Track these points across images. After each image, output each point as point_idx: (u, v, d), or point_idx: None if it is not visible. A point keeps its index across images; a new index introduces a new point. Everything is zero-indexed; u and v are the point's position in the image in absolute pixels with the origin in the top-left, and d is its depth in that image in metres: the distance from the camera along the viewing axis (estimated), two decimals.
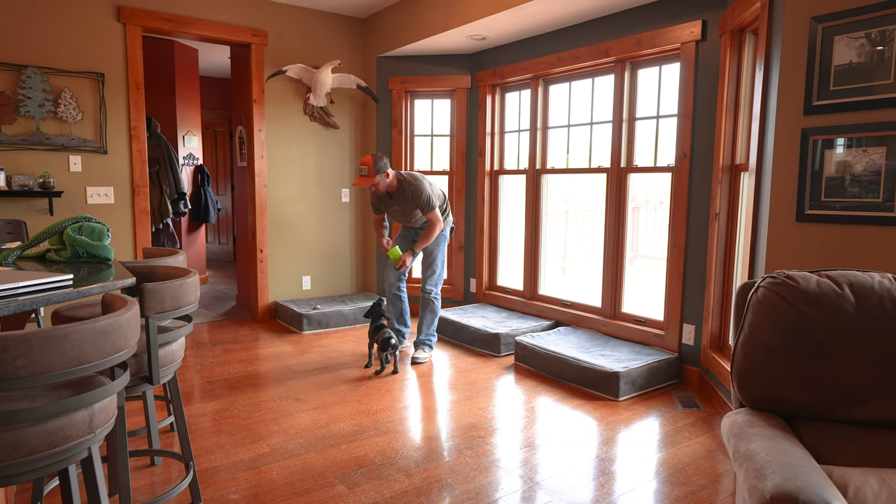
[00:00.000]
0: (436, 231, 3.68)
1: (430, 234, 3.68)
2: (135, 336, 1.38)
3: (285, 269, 5.04)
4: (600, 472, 2.43)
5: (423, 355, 3.90)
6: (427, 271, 3.91)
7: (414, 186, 3.65)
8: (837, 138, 2.28)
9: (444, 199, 3.87)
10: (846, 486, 1.35)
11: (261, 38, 4.68)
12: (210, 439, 2.70)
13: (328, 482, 2.32)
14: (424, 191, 3.64)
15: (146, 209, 4.33)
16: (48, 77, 3.89)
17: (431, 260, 3.88)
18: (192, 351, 4.12)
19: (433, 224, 3.68)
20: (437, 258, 3.88)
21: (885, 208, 2.15)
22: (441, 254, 3.89)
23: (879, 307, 1.56)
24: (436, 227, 3.67)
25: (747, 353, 1.65)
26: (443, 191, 3.90)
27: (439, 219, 3.69)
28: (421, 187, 3.64)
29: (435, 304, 3.94)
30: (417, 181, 3.67)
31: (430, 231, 3.68)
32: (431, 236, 3.68)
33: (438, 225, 3.68)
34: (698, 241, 3.46)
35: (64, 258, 1.99)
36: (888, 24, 2.12)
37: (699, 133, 3.41)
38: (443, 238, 3.88)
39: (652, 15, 3.60)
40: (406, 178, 3.69)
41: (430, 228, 3.68)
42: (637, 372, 3.29)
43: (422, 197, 3.64)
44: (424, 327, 3.96)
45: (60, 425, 1.25)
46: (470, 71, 4.98)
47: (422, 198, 3.64)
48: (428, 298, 3.92)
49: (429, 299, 3.92)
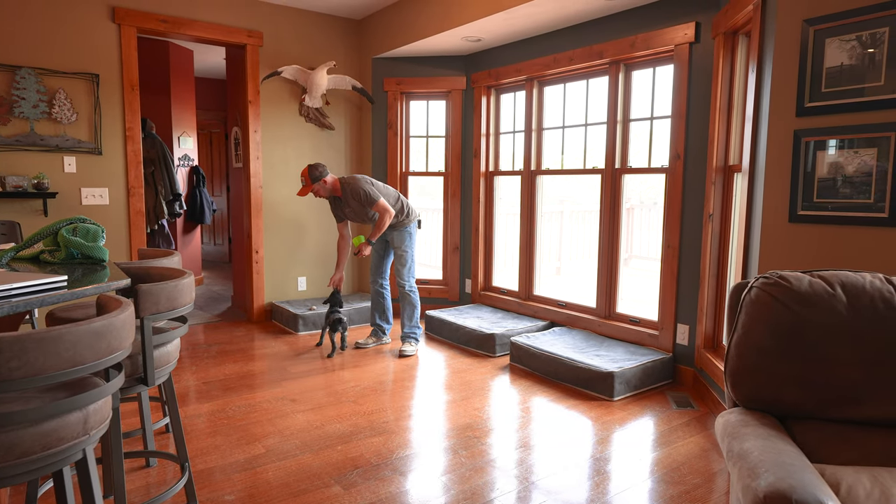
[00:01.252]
0: (385, 220, 3.88)
1: (380, 223, 3.90)
2: (129, 337, 1.38)
3: (281, 270, 5.03)
4: (595, 471, 2.44)
5: (409, 348, 4.09)
6: (398, 266, 4.13)
7: (351, 186, 3.92)
8: (829, 140, 2.30)
9: (396, 196, 4.06)
10: (839, 485, 1.36)
11: (256, 40, 4.68)
12: (205, 440, 2.69)
13: (324, 483, 2.32)
14: (361, 187, 3.88)
15: (141, 210, 4.32)
16: (42, 78, 3.88)
17: (400, 254, 4.11)
18: (188, 352, 4.11)
19: (381, 214, 3.89)
20: (406, 252, 4.10)
21: (877, 209, 2.17)
22: (410, 248, 4.11)
23: (871, 307, 1.57)
24: (384, 216, 3.87)
25: (741, 352, 1.66)
26: (395, 189, 4.20)
27: (386, 209, 3.86)
28: (357, 184, 3.90)
29: (412, 297, 4.14)
30: (355, 180, 3.93)
31: (379, 221, 3.90)
32: (382, 225, 3.89)
33: (387, 215, 3.87)
34: (692, 242, 3.47)
35: (58, 259, 1.99)
36: (879, 27, 2.14)
37: (693, 134, 3.43)
38: (407, 234, 4.10)
39: (646, 17, 3.62)
40: (345, 180, 3.97)
41: (379, 219, 3.90)
42: (632, 372, 3.30)
43: (360, 193, 3.88)
44: (406, 320, 4.17)
45: (55, 427, 1.25)
46: (465, 72, 4.98)
47: (360, 194, 3.88)
48: (403, 292, 4.13)
49: (404, 293, 4.13)
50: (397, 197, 4.06)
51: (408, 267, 4.11)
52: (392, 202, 4.00)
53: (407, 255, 4.11)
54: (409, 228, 4.11)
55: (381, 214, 3.90)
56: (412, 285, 4.14)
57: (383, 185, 4.06)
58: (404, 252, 4.11)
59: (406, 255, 4.11)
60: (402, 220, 4.08)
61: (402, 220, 4.08)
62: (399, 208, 4.04)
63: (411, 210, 4.12)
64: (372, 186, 3.92)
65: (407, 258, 4.11)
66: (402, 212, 4.06)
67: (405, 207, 4.08)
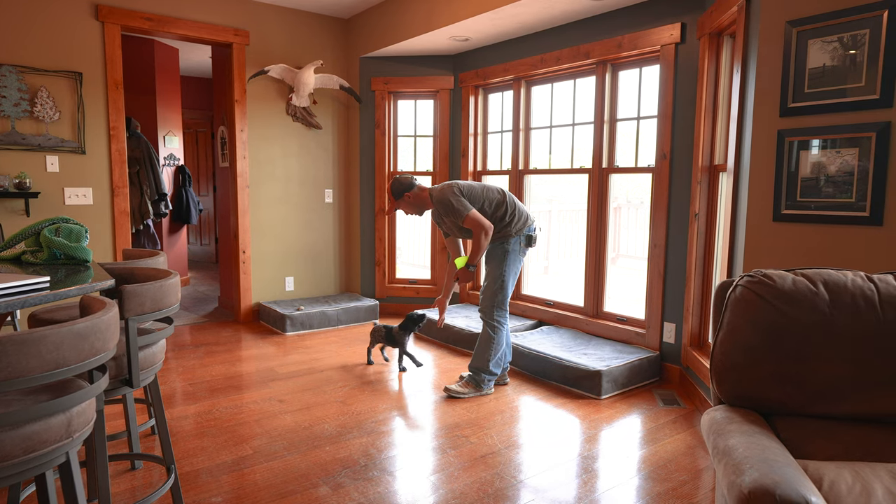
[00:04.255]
0: (481, 236, 3.10)
1: (476, 243, 3.12)
2: (114, 339, 1.36)
3: (268, 271, 5.00)
4: (583, 469, 2.45)
5: (454, 387, 3.30)
6: (482, 289, 3.35)
7: (438, 198, 3.19)
8: (812, 140, 2.33)
9: (497, 202, 3.24)
10: (821, 480, 1.38)
11: (242, 38, 4.64)
12: (192, 442, 2.67)
13: (312, 483, 2.31)
14: (445, 198, 3.15)
15: (126, 210, 4.27)
16: (24, 76, 3.82)
17: (486, 274, 3.35)
18: (174, 353, 4.07)
19: (474, 231, 3.11)
20: (493, 276, 3.29)
21: (858, 208, 2.20)
22: (498, 270, 3.26)
23: (852, 305, 1.60)
24: (479, 233, 3.10)
25: (726, 350, 1.68)
26: (502, 190, 3.29)
27: (479, 222, 3.09)
28: (445, 195, 3.16)
29: (487, 330, 3.31)
30: (442, 191, 3.19)
31: (475, 239, 3.13)
32: (479, 244, 3.12)
33: (481, 230, 3.09)
34: (678, 241, 3.50)
35: (41, 260, 1.96)
36: (859, 29, 2.17)
37: (679, 134, 3.45)
38: (502, 252, 3.25)
39: (632, 18, 3.64)
40: (434, 191, 3.24)
41: (474, 236, 3.13)
42: (619, 370, 3.33)
43: (444, 205, 3.16)
44: (473, 356, 3.36)
45: (37, 430, 1.23)
46: (453, 72, 4.99)
47: (445, 206, 3.16)
48: (482, 320, 3.36)
49: (484, 324, 3.34)
50: (499, 203, 3.23)
51: (491, 293, 3.28)
52: (491, 211, 3.21)
53: (492, 277, 3.28)
54: (505, 245, 3.25)
55: (474, 231, 3.11)
56: (492, 315, 3.29)
57: (481, 187, 3.26)
58: (490, 273, 3.31)
59: (491, 276, 3.29)
60: (499, 233, 3.26)
61: (499, 233, 3.26)
62: (500, 216, 3.23)
63: (516, 219, 3.25)
64: (459, 197, 3.13)
65: (493, 281, 3.28)
66: (502, 221, 3.24)
67: (507, 216, 3.24)
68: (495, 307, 3.29)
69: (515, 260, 3.28)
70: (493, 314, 3.30)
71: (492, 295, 3.29)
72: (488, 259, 3.33)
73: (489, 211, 3.22)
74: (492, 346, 3.30)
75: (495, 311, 3.29)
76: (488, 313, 3.30)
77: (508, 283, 3.28)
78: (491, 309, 3.30)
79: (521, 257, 3.31)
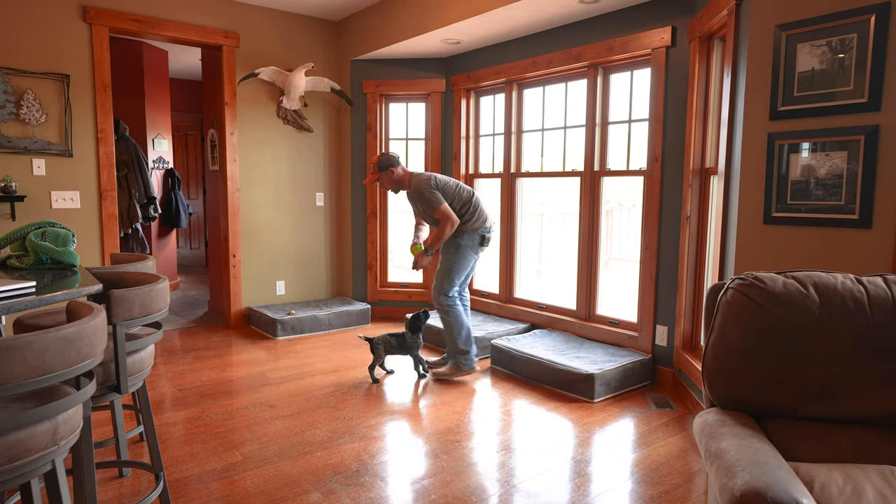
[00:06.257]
0: (446, 228, 3.44)
1: (440, 232, 3.47)
2: (101, 344, 1.34)
3: (259, 275, 4.97)
4: (576, 473, 2.45)
5: (440, 370, 3.66)
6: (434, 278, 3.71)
7: (414, 183, 3.53)
8: (802, 143, 2.34)
9: (465, 200, 3.57)
10: (812, 482, 1.38)
11: (232, 40, 4.62)
12: (181, 449, 2.64)
13: (303, 490, 2.29)
14: (421, 188, 3.48)
15: (114, 214, 4.23)
16: (10, 78, 3.77)
17: (439, 262, 3.67)
18: (163, 358, 4.03)
19: (442, 221, 3.45)
20: (441, 265, 3.62)
21: (848, 210, 2.22)
22: (446, 261, 3.59)
23: (842, 307, 1.61)
24: (445, 225, 3.44)
25: (717, 353, 1.68)
26: (472, 191, 3.62)
27: (448, 216, 3.43)
28: (421, 185, 3.49)
29: (442, 315, 3.62)
30: (420, 180, 3.53)
31: (440, 229, 3.47)
32: (442, 235, 3.46)
33: (448, 223, 3.43)
34: (670, 244, 3.52)
35: (26, 265, 1.93)
36: (847, 33, 2.19)
37: (670, 137, 3.47)
38: (454, 246, 3.57)
39: (623, 21, 3.66)
40: (413, 176, 3.58)
41: (440, 226, 3.47)
42: (612, 373, 3.33)
43: (420, 194, 3.48)
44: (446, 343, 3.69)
45: (22, 438, 1.21)
46: (444, 75, 4.99)
47: (420, 195, 3.48)
48: (436, 309, 3.69)
49: (437, 309, 3.67)
50: (466, 202, 3.56)
51: (440, 281, 3.60)
52: (457, 207, 3.54)
53: (443, 268, 3.60)
54: (460, 239, 3.56)
55: (441, 221, 3.46)
56: (443, 300, 3.60)
57: (456, 184, 3.60)
58: (440, 262, 3.63)
59: (442, 266, 3.61)
60: (458, 228, 3.57)
61: (458, 228, 3.57)
62: (463, 213, 3.55)
63: (475, 219, 3.56)
64: (434, 191, 3.47)
65: (443, 271, 3.60)
66: (462, 217, 3.57)
67: (468, 214, 3.56)
68: (442, 293, 3.60)
69: (466, 255, 3.60)
70: (441, 299, 3.61)
71: (440, 283, 3.61)
72: (443, 250, 3.64)
73: (457, 207, 3.56)
74: (452, 328, 3.60)
75: (442, 296, 3.60)
76: (437, 299, 3.62)
77: (455, 273, 3.60)
78: (438, 295, 3.61)
79: (472, 253, 3.61)
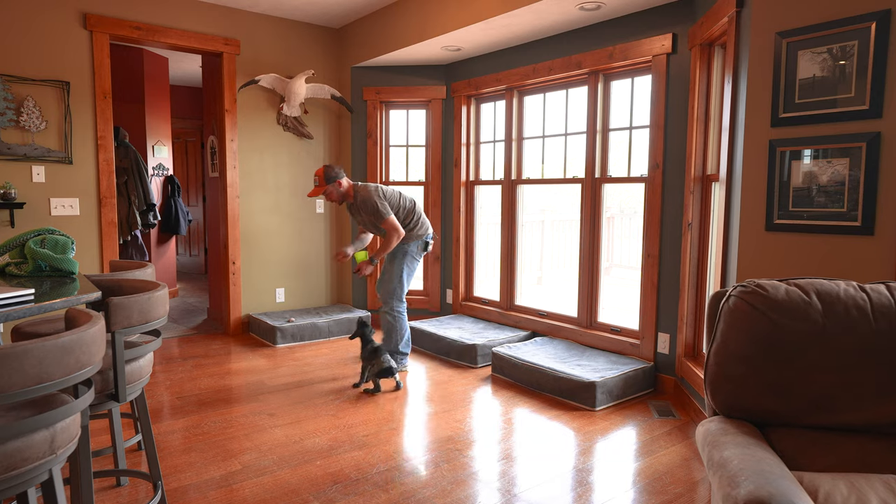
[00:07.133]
0: (393, 239, 3.60)
1: (386, 242, 3.63)
2: (100, 352, 1.33)
3: (258, 282, 4.96)
4: (578, 482, 2.43)
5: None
6: (379, 281, 3.86)
7: (363, 195, 3.64)
8: (804, 150, 2.34)
9: (409, 210, 3.77)
10: (816, 492, 1.36)
11: (233, 48, 4.63)
12: (180, 457, 2.62)
13: (302, 499, 2.26)
14: (371, 199, 3.60)
15: (113, 221, 4.22)
16: (10, 85, 3.78)
17: (384, 270, 3.84)
18: (162, 366, 4.01)
19: (389, 232, 3.61)
20: (391, 272, 3.79)
21: (850, 217, 2.21)
22: (397, 268, 3.77)
23: (845, 315, 1.59)
24: (392, 235, 3.60)
25: (720, 361, 1.67)
26: (413, 200, 3.82)
27: (395, 227, 3.60)
28: (369, 195, 3.61)
29: (388, 319, 3.82)
30: (367, 190, 3.65)
31: (387, 239, 3.63)
32: (389, 244, 3.62)
33: (395, 234, 3.59)
34: (672, 251, 3.51)
35: (25, 272, 1.92)
36: (848, 41, 2.19)
37: (671, 144, 3.47)
38: (402, 253, 3.76)
39: (623, 28, 3.67)
40: (359, 187, 3.70)
41: (387, 236, 3.63)
42: (613, 381, 3.31)
43: (368, 205, 3.60)
44: (383, 342, 3.90)
45: (19, 447, 1.19)
46: (445, 82, 5.00)
47: (368, 205, 3.60)
48: (383, 312, 3.85)
49: (383, 314, 3.84)
50: (410, 210, 3.77)
51: (390, 289, 3.78)
52: (402, 217, 3.72)
53: (393, 276, 3.78)
54: (405, 247, 3.76)
55: (388, 232, 3.61)
56: (390, 308, 3.81)
57: (399, 194, 3.78)
58: (389, 272, 3.80)
59: (391, 274, 3.78)
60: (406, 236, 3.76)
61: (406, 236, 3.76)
62: (407, 223, 3.74)
63: (419, 227, 3.78)
64: (383, 201, 3.62)
65: (393, 279, 3.78)
66: (407, 226, 3.75)
67: (412, 223, 3.76)
68: (394, 299, 3.80)
69: (412, 260, 3.81)
70: (393, 305, 3.81)
71: (392, 289, 3.79)
72: (389, 257, 3.81)
73: (401, 216, 3.74)
74: (395, 332, 3.84)
75: (394, 302, 3.80)
76: (388, 304, 3.80)
77: (405, 279, 3.80)
78: (390, 300, 3.80)
79: (417, 258, 3.84)
